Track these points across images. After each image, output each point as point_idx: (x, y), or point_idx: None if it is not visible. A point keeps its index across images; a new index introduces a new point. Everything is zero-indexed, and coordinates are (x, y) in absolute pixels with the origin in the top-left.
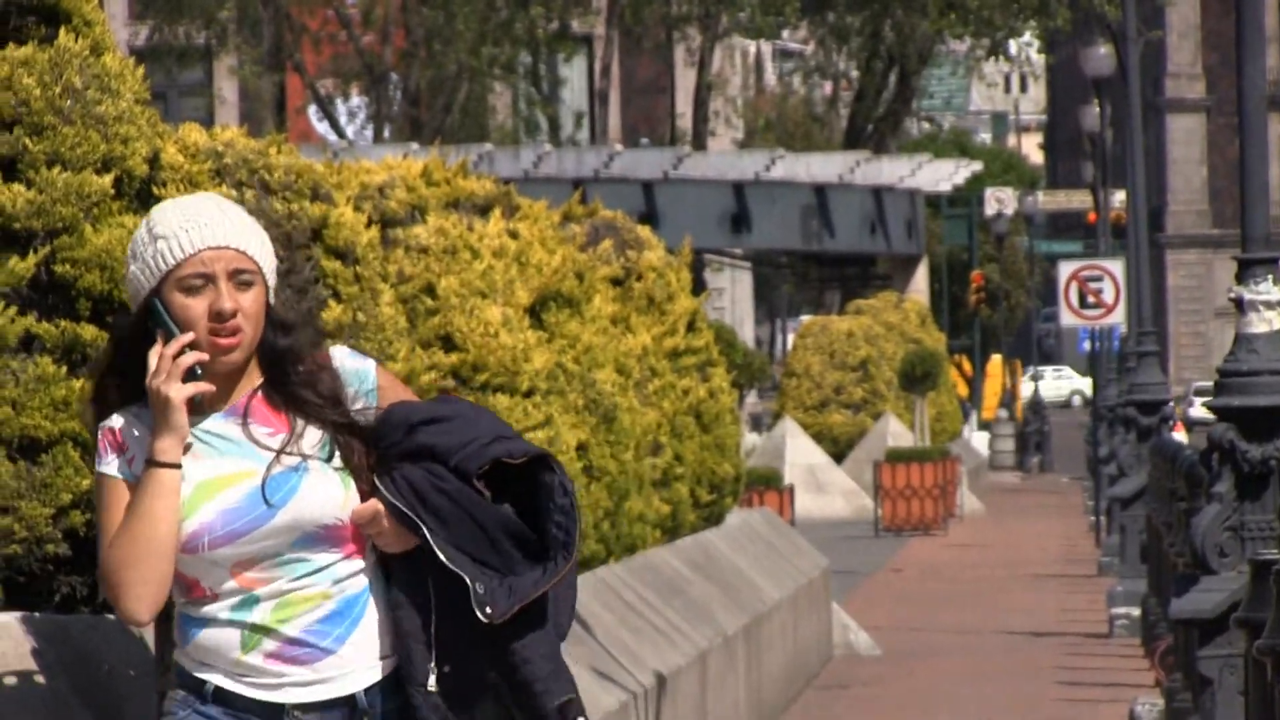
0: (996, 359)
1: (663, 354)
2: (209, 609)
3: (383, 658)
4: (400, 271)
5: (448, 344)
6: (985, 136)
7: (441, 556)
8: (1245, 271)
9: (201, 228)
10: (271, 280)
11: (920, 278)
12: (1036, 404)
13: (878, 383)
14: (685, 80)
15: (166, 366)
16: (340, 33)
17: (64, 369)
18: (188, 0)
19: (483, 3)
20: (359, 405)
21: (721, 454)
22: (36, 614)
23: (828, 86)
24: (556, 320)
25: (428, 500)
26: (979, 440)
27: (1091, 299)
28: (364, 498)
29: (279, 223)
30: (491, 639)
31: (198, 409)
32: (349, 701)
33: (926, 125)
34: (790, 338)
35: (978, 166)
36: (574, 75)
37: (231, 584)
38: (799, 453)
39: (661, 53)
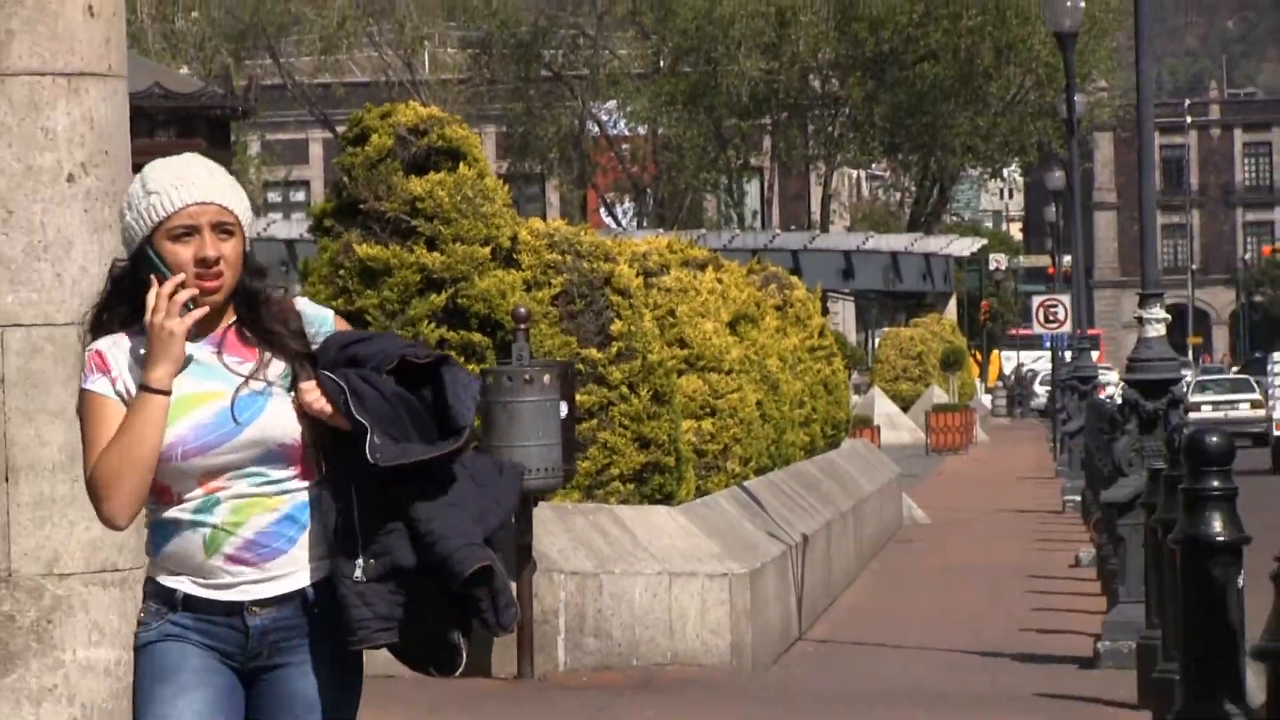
0: (996, 353)
1: (805, 349)
2: (174, 512)
3: (324, 558)
4: (655, 302)
5: (682, 344)
6: (989, 224)
7: (355, 414)
8: (1144, 301)
9: (190, 185)
10: (249, 232)
11: (952, 306)
12: (1021, 377)
13: (927, 366)
14: (815, 192)
15: (164, 305)
16: (618, 165)
17: (463, 359)
18: (530, 146)
19: (699, 149)
20: (316, 345)
21: (838, 407)
22: None
23: (898, 195)
24: (744, 330)
25: (350, 380)
26: (985, 399)
27: (1051, 318)
28: None
29: (586, 275)
30: (409, 527)
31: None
32: (299, 596)
33: (955, 218)
34: (877, 340)
35: (984, 241)
36: (752, 189)
37: (198, 491)
38: (883, 406)
39: (801, 176)
